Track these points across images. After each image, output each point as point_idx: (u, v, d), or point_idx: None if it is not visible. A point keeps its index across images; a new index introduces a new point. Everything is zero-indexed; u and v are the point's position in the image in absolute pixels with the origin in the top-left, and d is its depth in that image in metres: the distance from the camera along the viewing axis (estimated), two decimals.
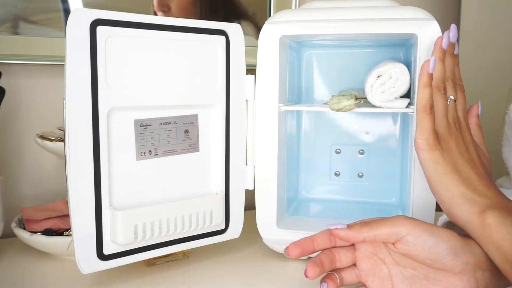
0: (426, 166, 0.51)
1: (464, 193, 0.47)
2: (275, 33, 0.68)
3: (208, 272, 0.66)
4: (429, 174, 0.50)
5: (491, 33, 1.12)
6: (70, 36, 0.53)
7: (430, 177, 0.51)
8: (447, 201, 0.48)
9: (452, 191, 0.48)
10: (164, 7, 0.87)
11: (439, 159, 0.49)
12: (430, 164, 0.50)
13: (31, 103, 0.82)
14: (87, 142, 0.55)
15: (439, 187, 0.49)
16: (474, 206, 0.46)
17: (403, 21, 0.64)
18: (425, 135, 0.50)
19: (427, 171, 0.51)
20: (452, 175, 0.49)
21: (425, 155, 0.50)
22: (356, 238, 0.48)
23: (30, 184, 0.84)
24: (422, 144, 0.50)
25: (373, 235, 0.47)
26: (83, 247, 0.56)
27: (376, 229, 0.47)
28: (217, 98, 0.66)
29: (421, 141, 0.51)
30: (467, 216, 0.46)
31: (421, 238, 0.45)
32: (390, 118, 0.83)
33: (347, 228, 0.48)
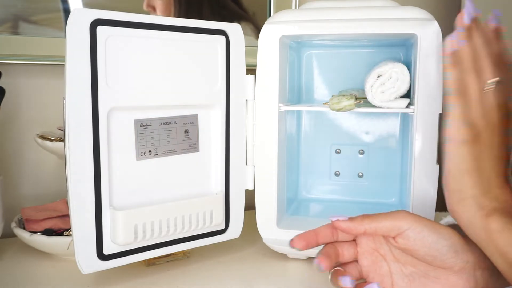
0: (450, 160, 0.46)
1: (476, 196, 0.45)
2: (275, 33, 0.68)
3: (208, 272, 0.66)
4: (450, 168, 0.46)
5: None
6: (70, 36, 0.53)
7: (449, 171, 0.46)
8: (456, 199, 0.46)
9: (466, 192, 0.45)
10: (149, 7, 0.88)
11: (466, 156, 0.45)
12: (455, 159, 0.45)
13: (31, 103, 0.82)
14: (87, 142, 0.55)
15: (454, 185, 0.46)
16: (481, 209, 0.44)
17: (403, 21, 0.64)
18: (455, 125, 0.45)
19: (449, 164, 0.46)
20: (473, 174, 0.45)
21: (452, 149, 0.46)
22: (357, 230, 0.47)
23: (30, 184, 0.84)
24: (452, 134, 0.45)
25: (373, 228, 0.47)
26: (83, 247, 0.56)
27: (377, 221, 0.47)
28: (217, 98, 0.66)
29: (450, 131, 0.46)
30: (471, 217, 0.44)
31: (421, 233, 0.45)
32: (390, 118, 0.83)
33: (348, 220, 0.48)
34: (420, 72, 0.63)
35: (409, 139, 0.70)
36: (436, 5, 1.22)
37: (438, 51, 0.62)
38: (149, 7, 0.88)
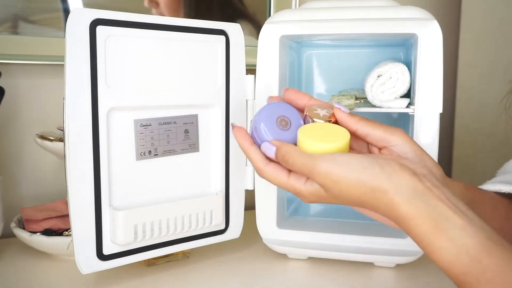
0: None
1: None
2: (275, 33, 0.68)
3: (208, 272, 0.66)
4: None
5: (491, 33, 1.12)
6: (70, 36, 0.53)
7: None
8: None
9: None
10: (152, 3, 0.88)
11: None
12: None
13: (31, 103, 0.82)
14: (87, 142, 0.55)
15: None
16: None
17: (403, 21, 0.64)
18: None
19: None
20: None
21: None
22: (350, 125, 0.47)
23: (30, 184, 0.84)
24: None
25: (365, 131, 0.46)
26: (83, 247, 0.56)
27: (371, 127, 0.46)
28: (217, 98, 0.66)
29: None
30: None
31: (406, 154, 0.45)
32: (390, 118, 0.83)
33: (348, 113, 0.47)
34: (420, 72, 0.63)
35: None
36: (436, 5, 1.22)
37: (438, 51, 0.62)
38: (152, 3, 0.87)
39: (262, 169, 0.46)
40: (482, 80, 1.12)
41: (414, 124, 0.64)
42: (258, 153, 0.47)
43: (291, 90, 0.51)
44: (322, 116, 0.47)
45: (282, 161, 0.44)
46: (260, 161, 0.46)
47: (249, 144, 0.47)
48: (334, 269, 0.68)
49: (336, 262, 0.69)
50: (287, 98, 0.51)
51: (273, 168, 0.46)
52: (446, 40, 0.64)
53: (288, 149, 0.44)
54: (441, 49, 0.62)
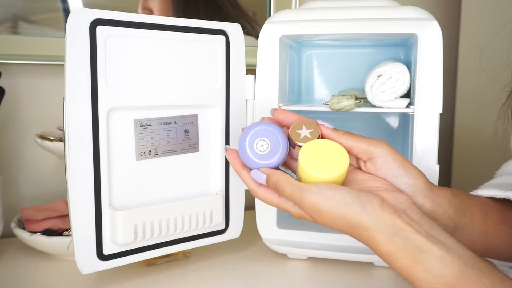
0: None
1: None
2: (275, 33, 0.68)
3: (208, 272, 0.66)
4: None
5: (491, 33, 1.12)
6: (70, 36, 0.53)
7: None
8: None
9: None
10: (146, 10, 0.88)
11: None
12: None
13: (31, 103, 0.82)
14: (87, 142, 0.55)
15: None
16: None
17: (403, 21, 0.64)
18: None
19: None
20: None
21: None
22: (334, 140, 0.48)
23: (30, 184, 0.84)
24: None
25: (350, 145, 0.48)
26: (83, 247, 0.56)
27: (355, 141, 0.48)
28: (217, 98, 0.66)
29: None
30: None
31: (389, 164, 0.47)
32: (390, 118, 0.83)
33: (331, 129, 0.49)
34: (420, 72, 0.63)
35: (409, 139, 0.70)
36: (436, 5, 1.22)
37: (438, 51, 0.62)
38: (145, 10, 0.88)
39: (254, 190, 0.49)
40: (482, 80, 1.12)
41: (414, 124, 0.64)
42: (249, 176, 0.49)
43: (279, 110, 0.52)
44: (301, 138, 0.48)
45: (274, 189, 0.47)
46: (252, 183, 0.49)
47: (241, 167, 0.50)
48: (334, 269, 0.68)
49: (336, 262, 0.69)
50: (276, 118, 0.52)
51: (264, 190, 0.48)
52: (446, 40, 0.64)
53: (279, 178, 0.46)
54: (441, 49, 0.62)
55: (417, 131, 0.64)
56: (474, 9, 1.13)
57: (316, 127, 0.49)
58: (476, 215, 0.52)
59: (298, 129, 0.49)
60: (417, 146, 0.64)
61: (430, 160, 0.64)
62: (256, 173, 0.48)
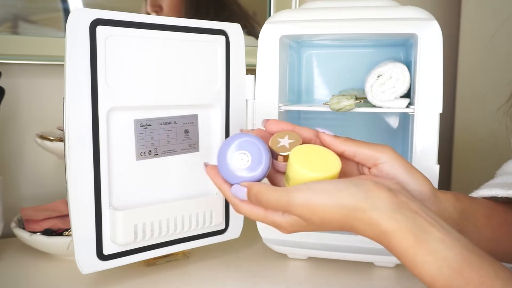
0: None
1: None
2: (275, 33, 0.68)
3: (208, 272, 0.66)
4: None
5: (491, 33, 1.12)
6: (70, 36, 0.53)
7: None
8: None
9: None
10: (156, 7, 0.87)
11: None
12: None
13: (31, 103, 0.82)
14: (87, 142, 0.55)
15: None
16: None
17: (403, 21, 0.64)
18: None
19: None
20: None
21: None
22: (336, 148, 0.47)
23: (30, 184, 0.84)
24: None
25: (353, 152, 0.46)
26: (83, 247, 0.56)
27: (358, 147, 0.46)
28: (217, 98, 0.66)
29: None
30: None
31: (395, 170, 0.45)
32: (390, 118, 0.83)
33: (333, 136, 0.47)
34: (420, 72, 0.63)
35: (409, 139, 0.70)
36: (436, 5, 1.22)
37: (438, 51, 0.62)
38: (155, 7, 0.87)
39: (238, 205, 0.45)
40: (482, 80, 1.12)
41: (414, 124, 0.64)
42: (229, 188, 0.46)
43: (272, 121, 0.49)
44: (288, 146, 0.46)
45: (256, 202, 0.43)
46: (233, 198, 0.45)
47: (221, 181, 0.46)
48: (334, 269, 0.68)
49: (336, 262, 0.69)
50: (268, 130, 0.49)
51: (248, 204, 0.45)
52: (446, 40, 0.64)
53: (260, 188, 0.43)
54: (441, 49, 0.62)
55: (417, 131, 0.64)
56: (474, 9, 1.13)
57: (298, 138, 0.47)
58: (480, 219, 0.51)
59: (280, 137, 0.47)
60: (417, 146, 0.64)
61: (430, 160, 0.64)
62: (236, 189, 0.45)
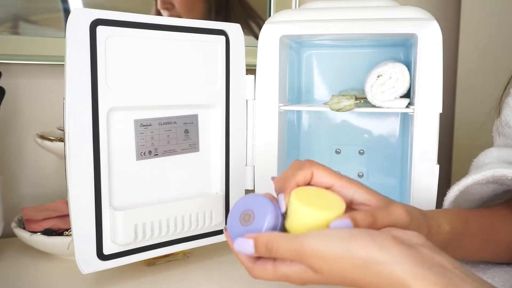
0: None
1: None
2: (275, 33, 0.68)
3: (208, 272, 0.66)
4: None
5: (491, 33, 1.12)
6: (70, 36, 0.53)
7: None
8: None
9: None
10: (167, 4, 0.87)
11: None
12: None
13: (31, 103, 0.82)
14: (87, 142, 0.55)
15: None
16: None
17: (403, 21, 0.64)
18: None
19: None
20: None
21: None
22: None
23: (30, 184, 0.84)
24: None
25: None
26: (83, 247, 0.56)
27: (378, 223, 0.42)
28: (217, 98, 0.66)
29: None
30: None
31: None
32: (390, 118, 0.83)
33: (353, 227, 0.41)
34: (420, 72, 0.63)
35: (409, 139, 0.70)
36: (436, 5, 1.22)
37: (438, 51, 0.62)
38: (167, 4, 0.87)
39: (251, 268, 0.43)
40: (482, 80, 1.12)
41: (414, 124, 0.64)
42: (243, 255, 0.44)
43: (277, 180, 0.46)
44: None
45: (266, 251, 0.40)
46: (247, 261, 0.43)
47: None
48: None
49: None
50: (277, 186, 0.46)
51: (260, 263, 0.42)
52: (446, 40, 0.64)
53: (270, 236, 0.40)
54: (441, 49, 0.62)
55: (417, 131, 0.64)
56: (474, 9, 1.13)
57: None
58: (467, 240, 0.52)
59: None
60: (417, 146, 0.64)
61: (430, 160, 0.64)
62: (239, 243, 0.41)
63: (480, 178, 0.54)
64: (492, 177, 0.54)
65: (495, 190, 0.58)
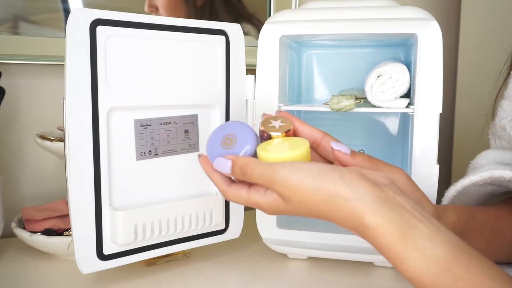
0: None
1: None
2: (275, 33, 0.68)
3: (208, 272, 0.66)
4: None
5: (491, 33, 1.12)
6: (70, 36, 0.53)
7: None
8: None
9: None
10: (152, 7, 0.88)
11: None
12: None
13: (31, 103, 0.82)
14: (87, 142, 0.55)
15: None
16: None
17: (403, 21, 0.64)
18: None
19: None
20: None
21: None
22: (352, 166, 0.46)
23: (30, 184, 0.84)
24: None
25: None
26: (83, 247, 0.56)
27: (376, 167, 0.46)
28: (217, 98, 0.66)
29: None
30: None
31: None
32: (390, 118, 0.83)
33: (350, 155, 0.46)
34: (420, 72, 0.63)
35: (409, 139, 0.70)
36: (436, 5, 1.22)
37: (438, 51, 0.62)
38: (151, 7, 0.88)
39: (225, 190, 0.45)
40: (482, 80, 1.12)
41: (414, 124, 0.64)
42: (219, 176, 0.46)
43: (283, 113, 0.49)
44: (278, 127, 0.46)
45: (241, 174, 0.43)
46: (222, 183, 0.45)
47: (212, 169, 0.46)
48: (334, 269, 0.68)
49: (336, 262, 0.69)
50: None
51: (235, 187, 0.44)
52: (446, 40, 0.64)
53: (246, 160, 0.42)
54: (441, 49, 0.62)
55: (417, 131, 0.64)
56: (474, 9, 1.13)
57: (290, 123, 0.47)
58: (472, 234, 0.52)
59: (273, 120, 0.48)
60: (417, 146, 0.64)
61: (430, 160, 0.64)
62: (219, 162, 0.44)
63: (478, 179, 0.55)
64: (490, 178, 0.54)
65: (493, 191, 0.58)
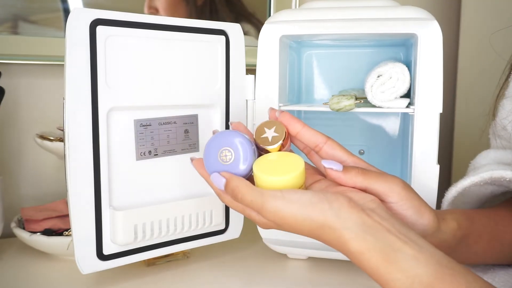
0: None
1: None
2: (275, 33, 0.68)
3: (208, 272, 0.66)
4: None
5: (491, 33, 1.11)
6: (70, 36, 0.53)
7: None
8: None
9: None
10: (152, 9, 0.88)
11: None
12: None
13: (31, 103, 0.82)
14: (87, 142, 0.55)
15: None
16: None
17: (403, 21, 0.64)
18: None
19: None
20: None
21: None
22: (347, 184, 0.46)
23: (30, 184, 0.84)
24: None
25: (364, 187, 0.45)
26: (83, 247, 0.56)
27: (370, 183, 0.45)
28: (217, 98, 0.66)
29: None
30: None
31: (405, 212, 0.45)
32: (390, 118, 0.83)
33: (342, 171, 0.45)
34: (420, 72, 0.63)
35: (409, 139, 0.70)
36: (436, 5, 1.22)
37: (438, 51, 0.62)
38: (151, 9, 0.88)
39: (222, 195, 0.46)
40: (482, 80, 1.12)
41: (414, 124, 0.64)
42: None
43: (285, 114, 0.49)
44: (271, 140, 0.46)
45: (232, 195, 0.44)
46: (218, 188, 0.46)
47: (207, 175, 0.47)
48: (334, 269, 0.68)
49: (336, 262, 0.69)
50: (236, 127, 0.49)
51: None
52: (446, 40, 0.64)
53: (238, 183, 0.43)
54: (441, 49, 0.62)
55: (417, 131, 0.64)
56: (474, 9, 1.13)
57: (283, 132, 0.46)
58: (472, 238, 0.52)
59: (267, 127, 0.47)
60: (417, 146, 0.64)
61: (430, 160, 0.64)
62: (215, 177, 0.45)
63: (478, 180, 0.55)
64: (490, 178, 0.54)
65: (493, 191, 0.58)
